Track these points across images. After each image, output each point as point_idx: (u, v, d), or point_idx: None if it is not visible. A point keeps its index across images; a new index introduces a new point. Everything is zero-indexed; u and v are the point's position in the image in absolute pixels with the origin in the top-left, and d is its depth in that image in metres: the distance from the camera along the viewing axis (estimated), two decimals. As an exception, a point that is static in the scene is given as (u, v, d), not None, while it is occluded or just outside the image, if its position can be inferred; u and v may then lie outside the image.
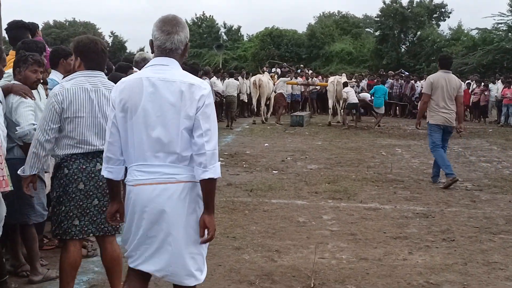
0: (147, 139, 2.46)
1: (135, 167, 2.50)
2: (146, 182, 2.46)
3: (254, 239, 4.85)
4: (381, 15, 37.53)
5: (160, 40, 2.53)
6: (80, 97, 3.18)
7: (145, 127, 2.46)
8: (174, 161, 2.46)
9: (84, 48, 3.26)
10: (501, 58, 29.57)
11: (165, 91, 2.45)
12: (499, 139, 13.57)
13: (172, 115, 2.44)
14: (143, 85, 2.48)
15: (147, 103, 2.46)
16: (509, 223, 5.54)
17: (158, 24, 2.55)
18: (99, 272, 3.96)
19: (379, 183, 7.54)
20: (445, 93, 7.35)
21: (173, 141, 2.44)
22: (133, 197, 2.50)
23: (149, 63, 2.59)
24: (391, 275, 4.02)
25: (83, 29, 46.47)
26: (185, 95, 2.44)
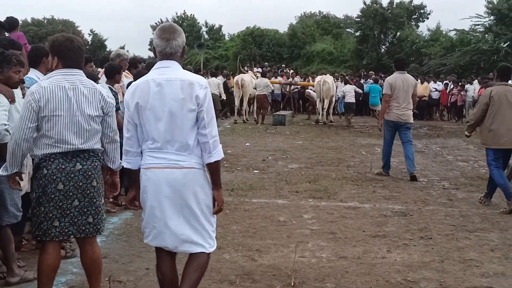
0: (157, 130, 2.91)
1: (147, 153, 2.97)
2: (156, 165, 2.92)
3: (234, 239, 4.87)
4: (361, 16, 37.81)
5: (160, 46, 2.95)
6: (58, 95, 3.14)
7: (155, 121, 2.90)
8: (179, 149, 2.91)
9: (60, 47, 3.23)
10: (478, 59, 30.09)
11: (169, 90, 2.89)
12: (476, 139, 13.71)
13: (176, 110, 2.88)
14: (150, 85, 2.91)
15: (154, 100, 2.90)
16: (484, 221, 5.66)
17: (158, 32, 2.98)
18: (77, 273, 3.93)
19: (359, 182, 7.63)
20: (402, 92, 7.89)
21: (178, 132, 2.89)
22: (144, 178, 2.98)
23: (154, 66, 3.01)
24: (370, 273, 4.08)
25: (62, 27, 45.79)
26: (186, 91, 2.88)
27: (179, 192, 2.91)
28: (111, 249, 4.58)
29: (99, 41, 51.49)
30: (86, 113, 3.20)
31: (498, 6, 30.82)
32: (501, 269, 4.22)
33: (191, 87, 2.89)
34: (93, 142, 3.26)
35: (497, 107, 6.20)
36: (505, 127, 6.17)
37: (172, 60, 2.96)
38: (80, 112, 3.19)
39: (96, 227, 3.27)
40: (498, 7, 30.78)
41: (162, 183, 2.91)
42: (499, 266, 4.29)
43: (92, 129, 3.24)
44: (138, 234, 5.00)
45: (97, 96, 3.26)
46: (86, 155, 3.22)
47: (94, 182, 3.23)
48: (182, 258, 3.22)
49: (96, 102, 3.24)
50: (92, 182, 3.22)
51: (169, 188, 2.90)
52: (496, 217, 5.84)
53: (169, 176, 2.90)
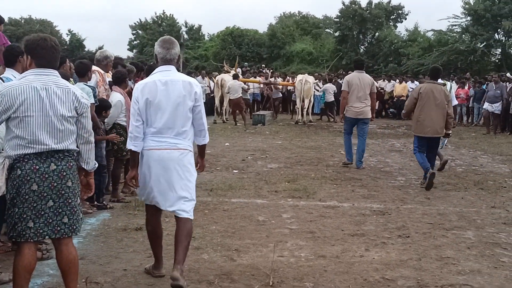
0: (160, 120, 3.67)
1: (150, 137, 3.70)
2: (157, 147, 3.69)
3: (213, 239, 4.85)
4: (340, 16, 38.06)
5: (162, 53, 3.78)
6: (29, 96, 3.09)
7: (160, 113, 3.67)
8: (177, 134, 3.71)
9: (33, 45, 3.19)
10: (455, 59, 30.57)
11: (173, 88, 3.69)
12: (453, 138, 14.01)
13: (179, 103, 3.68)
14: (157, 85, 3.68)
15: (161, 96, 3.67)
16: (461, 219, 5.74)
17: (160, 43, 3.82)
18: (54, 275, 3.86)
19: (338, 182, 7.67)
20: (359, 90, 8.67)
21: (177, 121, 3.70)
22: (145, 158, 3.72)
23: (156, 70, 3.77)
24: (348, 272, 4.10)
25: (40, 26, 45.11)
26: (187, 89, 3.70)
27: (176, 167, 3.70)
28: (88, 250, 4.51)
29: (77, 41, 50.84)
30: (60, 113, 3.16)
31: (474, 7, 31.35)
32: (477, 267, 4.28)
33: (190, 86, 3.73)
34: (68, 142, 3.21)
35: (424, 102, 7.34)
36: (429, 119, 7.30)
37: (171, 65, 3.77)
38: (53, 112, 3.14)
39: (72, 228, 3.22)
40: (474, 8, 31.31)
41: (163, 160, 3.68)
42: (475, 264, 4.35)
43: (66, 129, 3.19)
44: (116, 235, 4.95)
45: (71, 96, 3.21)
46: (61, 155, 3.18)
47: (69, 182, 3.19)
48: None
49: (69, 103, 3.20)
50: (67, 182, 3.18)
51: (169, 164, 3.69)
52: (472, 215, 5.93)
53: (169, 155, 3.70)
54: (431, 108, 7.28)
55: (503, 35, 31.91)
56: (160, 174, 3.69)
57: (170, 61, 3.78)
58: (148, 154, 3.70)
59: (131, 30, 50.39)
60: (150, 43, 46.75)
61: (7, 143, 3.17)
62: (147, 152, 3.71)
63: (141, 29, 49.49)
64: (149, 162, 3.70)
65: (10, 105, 3.07)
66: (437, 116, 7.34)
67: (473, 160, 10.19)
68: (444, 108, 7.38)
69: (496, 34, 32.00)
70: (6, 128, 3.18)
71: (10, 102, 3.07)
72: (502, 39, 32.00)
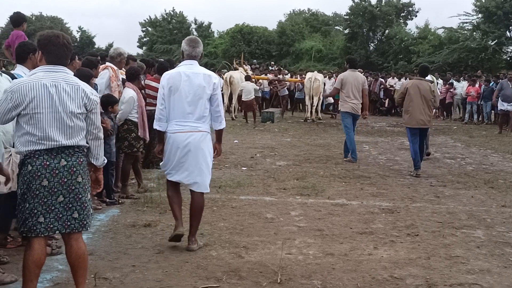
0: (183, 106, 4.32)
1: (174, 122, 4.36)
2: (181, 130, 4.34)
3: (221, 236, 4.86)
4: (350, 13, 37.94)
5: (188, 50, 4.43)
6: (39, 92, 3.12)
7: (183, 100, 4.31)
8: (197, 119, 4.36)
9: (46, 41, 3.22)
10: (466, 57, 30.35)
11: (195, 79, 4.33)
12: (463, 136, 13.94)
13: (198, 93, 4.32)
14: (181, 75, 4.34)
15: (183, 86, 4.32)
16: (471, 218, 5.70)
17: (187, 41, 4.47)
18: (63, 270, 3.89)
19: (347, 180, 7.65)
20: (353, 87, 9.13)
21: (198, 108, 4.34)
22: (171, 140, 4.39)
23: (182, 63, 4.43)
24: (357, 270, 4.09)
25: (50, 23, 45.42)
26: (206, 81, 4.34)
27: (197, 147, 4.36)
28: (97, 246, 4.54)
29: (87, 37, 51.13)
30: (69, 110, 3.18)
31: (486, 4, 31.06)
32: (487, 266, 4.25)
33: (210, 78, 4.38)
34: (78, 138, 3.24)
35: (412, 97, 8.09)
36: (417, 112, 8.08)
37: (195, 60, 4.43)
38: (63, 108, 3.16)
39: (82, 223, 3.25)
40: (486, 5, 31.02)
41: (185, 142, 4.34)
42: (485, 263, 4.32)
43: (76, 125, 3.22)
44: (124, 231, 4.98)
45: (80, 93, 3.24)
46: (71, 151, 3.20)
47: (79, 178, 3.21)
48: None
49: (78, 99, 3.22)
50: (77, 178, 3.20)
51: (191, 144, 4.34)
52: (482, 214, 5.88)
53: (191, 136, 4.35)
54: (418, 101, 8.08)
55: (514, 33, 31.60)
56: (182, 153, 4.36)
57: (195, 57, 4.44)
58: (173, 136, 4.38)
59: (141, 27, 50.62)
60: (159, 40, 46.92)
61: (17, 139, 3.20)
62: (172, 135, 4.39)
63: (151, 26, 49.64)
64: (173, 143, 4.39)
65: (20, 101, 3.10)
66: (423, 109, 8.10)
67: (483, 158, 10.11)
68: (430, 102, 8.16)
69: (507, 32, 31.70)
70: (17, 124, 3.21)
71: (20, 99, 3.10)
72: (514, 36, 31.69)
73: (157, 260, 4.21)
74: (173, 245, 4.56)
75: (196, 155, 4.36)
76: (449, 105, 19.91)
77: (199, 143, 4.36)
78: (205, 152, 4.41)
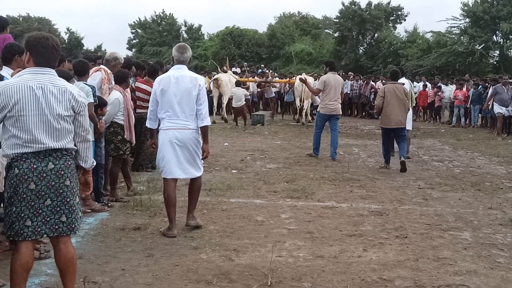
0: (173, 106, 4.86)
1: (166, 119, 4.90)
2: (172, 127, 4.88)
3: (212, 239, 4.86)
4: (340, 17, 38.13)
5: (177, 56, 5.02)
6: (25, 95, 3.09)
7: (172, 100, 4.86)
8: (186, 117, 4.88)
9: (34, 42, 3.19)
10: (454, 61, 30.66)
11: (182, 81, 4.87)
12: (451, 139, 14.07)
13: (186, 94, 4.86)
14: (170, 78, 4.90)
15: (173, 88, 4.87)
16: (458, 220, 5.76)
17: (176, 48, 5.08)
18: (51, 275, 3.87)
19: (336, 182, 7.69)
20: (334, 90, 9.70)
21: (186, 107, 4.87)
22: (164, 135, 4.91)
23: (172, 68, 5.05)
24: (346, 272, 4.12)
25: (38, 24, 45.07)
26: (192, 83, 4.88)
27: (187, 143, 4.91)
28: (86, 249, 4.52)
29: (76, 39, 50.81)
30: (56, 112, 3.16)
31: (473, 9, 31.43)
32: (474, 267, 4.30)
33: (196, 80, 4.92)
34: (66, 141, 3.21)
35: (389, 99, 8.81)
36: (394, 113, 8.80)
37: (183, 64, 5.00)
38: (49, 111, 3.14)
39: (70, 226, 3.22)
40: (473, 9, 31.39)
41: (177, 138, 4.88)
42: (472, 264, 4.37)
43: (63, 128, 3.20)
44: (114, 234, 4.96)
45: (67, 95, 3.21)
46: (58, 154, 3.18)
47: (67, 181, 3.19)
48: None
49: (66, 102, 3.20)
50: (65, 181, 3.18)
51: (181, 141, 4.89)
52: (469, 216, 5.95)
53: (182, 133, 4.88)
54: (395, 103, 8.81)
55: (501, 37, 32.02)
56: (175, 148, 4.90)
57: (183, 62, 5.01)
58: (166, 132, 4.90)
59: (130, 29, 50.40)
60: (149, 42, 46.78)
61: (4, 142, 3.17)
62: (165, 131, 4.91)
63: (140, 28, 49.48)
64: (166, 139, 4.90)
65: (6, 104, 3.07)
66: (400, 109, 8.85)
67: (470, 161, 10.22)
68: (405, 103, 8.94)
69: (494, 36, 32.11)
70: (3, 127, 3.18)
71: (5, 101, 3.07)
72: (500, 41, 32.10)
73: (147, 263, 4.20)
74: (163, 248, 4.56)
75: (188, 150, 4.94)
76: (438, 108, 20.08)
77: (189, 140, 4.91)
78: (196, 146, 4.97)
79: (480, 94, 17.37)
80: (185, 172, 4.98)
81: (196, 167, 5.02)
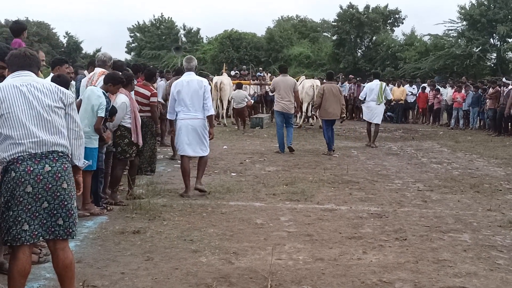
0: (186, 102, 6.58)
1: (181, 112, 6.63)
2: (186, 118, 6.60)
3: (211, 242, 4.85)
4: (338, 20, 38.18)
5: (186, 65, 6.82)
6: (11, 92, 3.14)
7: (185, 98, 6.58)
8: (196, 110, 6.59)
9: (10, 57, 3.35)
10: (451, 63, 30.72)
11: (192, 84, 6.59)
12: (449, 141, 14.08)
13: (195, 93, 6.58)
14: (183, 82, 6.63)
15: (185, 89, 6.59)
16: (457, 222, 5.76)
17: (185, 59, 6.93)
18: (50, 279, 3.85)
19: (336, 185, 7.68)
20: (283, 90, 10.88)
21: (196, 102, 6.58)
22: (180, 124, 6.65)
23: (184, 74, 6.81)
24: (346, 275, 4.11)
25: (37, 28, 45.02)
26: (200, 85, 6.60)
27: (197, 128, 6.66)
28: (85, 253, 4.51)
29: (74, 43, 50.80)
30: (46, 104, 3.18)
31: (470, 12, 31.53)
32: (474, 269, 4.30)
33: (202, 82, 6.69)
34: (59, 136, 3.20)
35: (327, 96, 10.79)
36: (331, 107, 10.83)
37: (191, 71, 6.79)
38: (38, 102, 3.17)
39: (67, 230, 3.19)
40: (470, 12, 31.49)
41: (190, 125, 6.64)
42: (472, 266, 4.37)
43: (54, 120, 3.19)
44: (113, 238, 4.95)
45: (53, 89, 3.28)
46: (55, 156, 3.16)
47: (65, 184, 3.17)
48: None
49: (53, 94, 3.24)
50: (62, 184, 3.16)
51: (193, 127, 6.64)
52: (468, 218, 5.95)
53: (193, 122, 6.63)
54: (332, 100, 10.80)
55: (498, 40, 32.12)
56: (188, 133, 6.63)
57: (191, 69, 6.80)
58: (181, 122, 6.67)
59: (129, 33, 50.42)
60: (148, 46, 46.79)
61: None
62: (181, 121, 6.68)
63: (139, 32, 49.49)
64: (181, 126, 6.67)
65: None
66: (336, 105, 10.89)
67: (469, 163, 10.23)
68: (340, 99, 11.05)
69: (491, 39, 32.20)
70: None
71: None
72: (497, 43, 32.21)
73: (147, 267, 4.19)
74: (163, 251, 4.55)
75: (198, 134, 6.66)
76: (437, 110, 20.13)
77: (198, 126, 6.65)
78: (204, 131, 6.70)
79: (479, 96, 17.41)
80: (194, 151, 6.69)
81: (203, 148, 6.72)
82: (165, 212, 5.83)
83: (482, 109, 17.30)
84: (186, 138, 6.59)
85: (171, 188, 7.13)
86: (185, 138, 6.60)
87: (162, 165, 9.02)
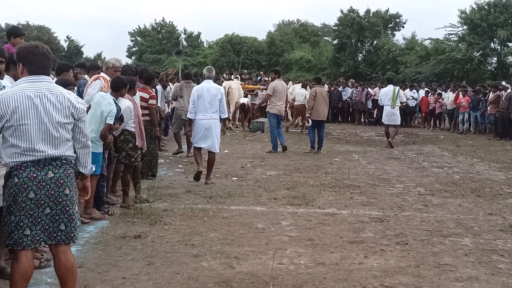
0: (205, 105, 7.90)
1: (200, 114, 7.93)
2: (204, 118, 7.91)
3: (213, 246, 4.85)
4: (339, 24, 38.22)
5: (206, 74, 8.23)
6: (23, 104, 3.10)
7: (205, 101, 7.90)
8: (213, 112, 7.94)
9: (24, 52, 3.20)
10: (452, 68, 30.75)
11: (211, 90, 7.96)
12: (450, 145, 14.08)
13: (213, 98, 7.92)
14: (203, 88, 7.99)
15: (205, 94, 7.92)
16: (458, 226, 5.76)
17: (206, 69, 8.47)
18: (52, 283, 3.86)
19: (337, 189, 7.68)
20: (281, 94, 11.76)
21: (213, 106, 7.92)
22: (198, 123, 7.95)
23: (203, 81, 8.17)
24: (347, 279, 4.11)
25: (37, 33, 45.16)
26: (217, 91, 7.99)
27: (212, 128, 7.86)
28: (87, 258, 4.51)
29: (75, 47, 50.91)
30: (55, 120, 3.16)
31: (470, 16, 31.57)
32: (475, 273, 4.29)
33: (218, 89, 8.00)
34: (64, 148, 3.21)
35: (319, 99, 11.62)
36: (321, 109, 11.77)
37: (210, 79, 8.08)
38: (48, 119, 3.15)
39: (69, 235, 3.21)
40: (470, 17, 31.53)
41: (206, 124, 7.85)
42: (473, 270, 4.37)
43: (62, 136, 3.20)
44: (114, 242, 4.95)
45: (66, 103, 3.21)
46: (58, 163, 3.18)
47: (67, 190, 3.19)
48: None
49: (65, 109, 3.20)
50: (65, 190, 3.17)
51: (209, 126, 7.85)
52: (470, 222, 5.95)
53: (209, 122, 7.85)
54: (322, 102, 11.77)
55: (498, 44, 32.16)
56: (204, 131, 7.84)
57: (210, 77, 8.08)
58: (199, 122, 7.87)
59: (130, 37, 50.46)
60: (149, 50, 46.82)
61: (3, 151, 3.17)
62: (199, 121, 7.87)
63: (140, 36, 49.53)
64: (199, 125, 7.87)
65: (3, 113, 3.08)
66: (325, 106, 11.97)
67: (470, 167, 10.22)
68: (327, 102, 12.22)
69: (492, 43, 32.23)
70: (2, 137, 3.18)
71: (3, 111, 3.08)
72: (498, 48, 32.24)
73: (148, 271, 4.19)
74: (164, 256, 4.55)
75: (212, 132, 7.84)
76: (438, 115, 20.15)
77: (214, 125, 7.86)
78: (217, 130, 7.92)
79: (480, 100, 17.43)
80: (207, 145, 7.88)
81: (215, 143, 7.89)
82: (166, 216, 5.83)
83: (482, 113, 17.31)
84: (202, 134, 7.83)
85: (172, 192, 7.13)
86: (201, 134, 7.84)
87: (163, 169, 9.03)
